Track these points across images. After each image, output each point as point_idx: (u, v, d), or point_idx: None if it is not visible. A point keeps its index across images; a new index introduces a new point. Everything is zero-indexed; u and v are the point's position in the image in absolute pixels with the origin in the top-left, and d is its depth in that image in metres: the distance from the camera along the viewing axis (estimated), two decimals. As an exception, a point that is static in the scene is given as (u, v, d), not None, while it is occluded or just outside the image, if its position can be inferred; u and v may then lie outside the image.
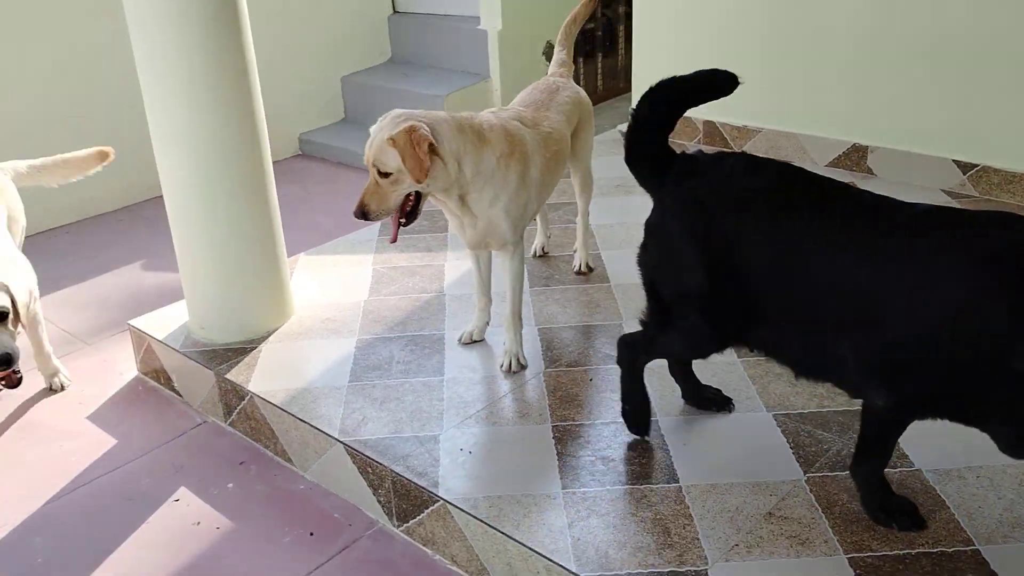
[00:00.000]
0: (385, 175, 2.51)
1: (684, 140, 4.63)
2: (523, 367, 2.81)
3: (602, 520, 2.18)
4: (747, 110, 4.39)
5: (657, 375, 2.57)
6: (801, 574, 1.97)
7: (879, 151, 4.00)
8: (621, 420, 2.50)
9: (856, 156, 4.07)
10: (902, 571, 1.96)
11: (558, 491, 2.29)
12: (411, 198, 2.58)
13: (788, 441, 2.40)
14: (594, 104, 5.97)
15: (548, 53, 5.60)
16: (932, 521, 2.08)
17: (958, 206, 3.67)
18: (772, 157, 4.23)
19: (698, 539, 2.09)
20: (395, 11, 5.90)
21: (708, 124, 4.53)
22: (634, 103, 4.75)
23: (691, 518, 2.16)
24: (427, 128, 2.48)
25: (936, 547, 2.01)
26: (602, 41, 5.96)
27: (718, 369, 2.71)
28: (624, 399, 2.44)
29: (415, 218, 2.63)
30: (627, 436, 2.46)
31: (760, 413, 2.52)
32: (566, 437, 2.49)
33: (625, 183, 4.20)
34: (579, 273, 3.38)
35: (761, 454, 2.36)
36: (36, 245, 3.43)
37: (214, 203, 2.96)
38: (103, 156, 3.41)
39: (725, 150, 4.45)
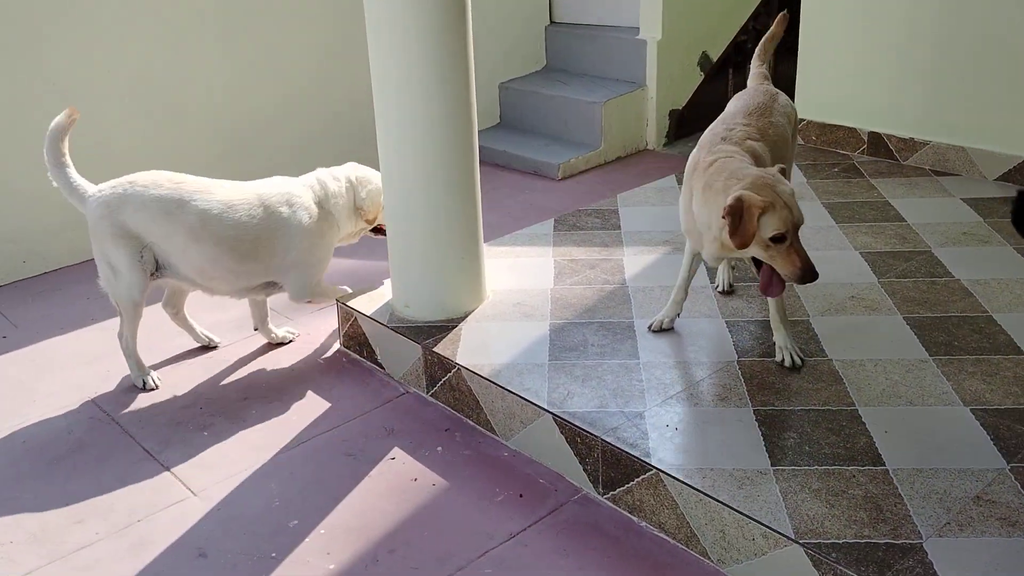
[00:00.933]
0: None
1: (847, 150, 4.72)
2: (802, 361, 2.88)
3: (814, 495, 2.33)
4: (914, 121, 4.45)
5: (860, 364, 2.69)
6: (1015, 552, 2.09)
7: (1053, 166, 4.04)
8: (821, 407, 2.66)
9: (1028, 171, 4.11)
10: (1119, 558, 2.05)
11: (767, 467, 2.45)
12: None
13: (989, 434, 2.50)
14: (742, 115, 6.12)
15: (703, 63, 5.76)
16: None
17: None
18: (941, 171, 4.34)
19: (910, 516, 2.22)
20: (552, 21, 6.16)
21: (873, 135, 4.61)
22: (799, 113, 4.91)
23: (901, 497, 2.29)
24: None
25: None
26: (751, 54, 6.06)
27: (911, 367, 2.83)
28: None
29: None
30: (828, 422, 2.61)
31: (957, 407, 2.63)
32: (768, 419, 2.64)
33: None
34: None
35: (963, 444, 2.47)
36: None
37: (429, 195, 3.23)
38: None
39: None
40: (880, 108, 4.57)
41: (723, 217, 2.55)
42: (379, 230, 3.63)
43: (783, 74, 5.85)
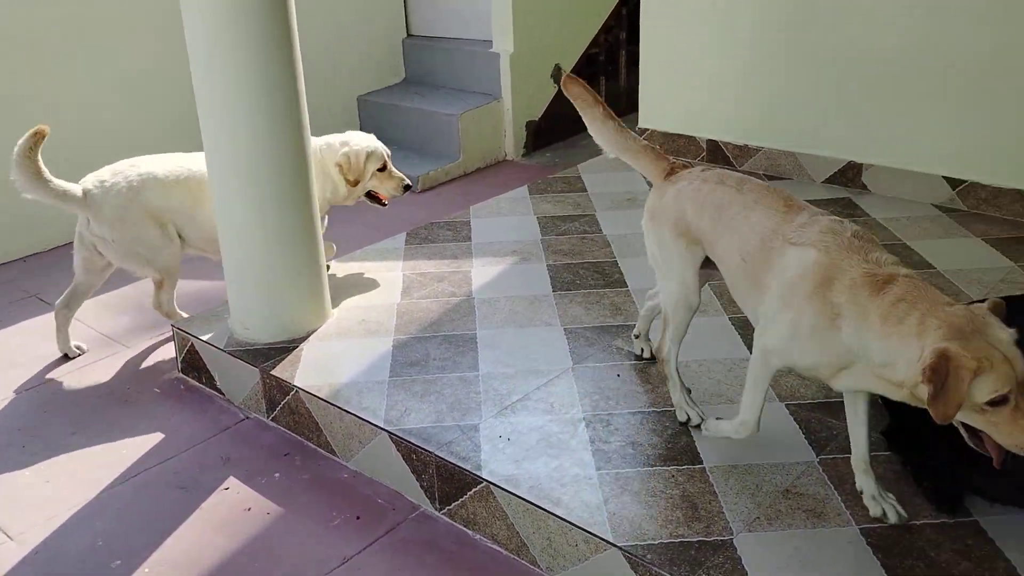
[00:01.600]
0: None
1: (689, 158, 4.88)
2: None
3: (635, 497, 2.38)
4: (748, 129, 4.64)
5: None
6: (818, 542, 2.19)
7: (873, 168, 4.26)
8: (648, 409, 2.73)
9: (851, 173, 4.33)
10: (910, 540, 2.17)
11: (593, 473, 2.49)
12: None
13: (801, 427, 2.62)
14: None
15: (556, 75, 5.86)
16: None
17: (949, 221, 3.93)
18: (773, 175, 4.54)
19: (723, 512, 2.30)
20: (409, 34, 6.15)
21: (711, 143, 4.78)
22: (641, 123, 5.04)
23: (715, 495, 2.37)
24: None
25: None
26: (604, 66, 6.22)
27: (733, 365, 2.93)
28: None
29: None
30: (652, 424, 2.68)
31: (773, 403, 2.74)
32: (597, 424, 2.69)
33: (635, 196, 4.45)
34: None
35: (777, 439, 2.58)
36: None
37: (260, 212, 3.16)
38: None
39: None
40: (716, 117, 4.74)
41: (924, 382, 1.89)
42: (376, 198, 3.85)
43: (628, 86, 6.04)
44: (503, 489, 2.47)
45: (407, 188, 3.86)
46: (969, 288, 3.32)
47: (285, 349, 3.22)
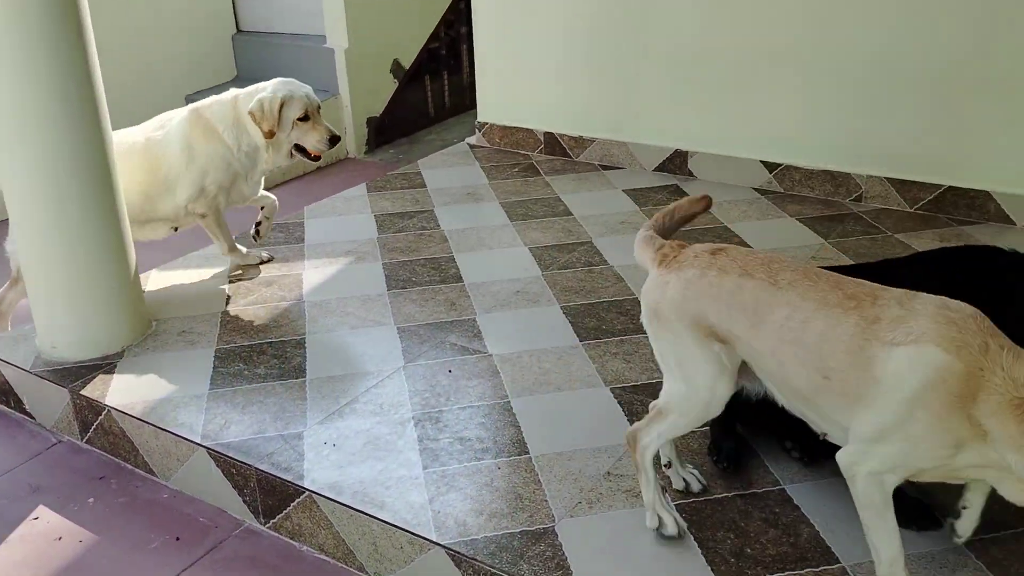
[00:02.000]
0: None
1: (527, 150, 4.92)
2: None
3: (460, 493, 2.36)
4: (582, 122, 4.71)
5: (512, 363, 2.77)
6: (636, 522, 2.22)
7: (697, 155, 4.40)
8: (478, 403, 2.71)
9: (679, 160, 4.46)
10: (721, 511, 2.24)
11: (419, 472, 2.45)
12: None
13: (623, 409, 2.66)
14: (441, 120, 6.24)
15: (395, 71, 5.79)
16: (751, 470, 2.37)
17: (767, 203, 4.10)
18: (607, 165, 4.62)
19: (546, 501, 2.31)
20: (239, 30, 5.94)
21: (548, 135, 4.83)
22: (479, 117, 5.04)
23: (540, 483, 2.37)
24: None
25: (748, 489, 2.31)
26: (447, 60, 6.19)
27: (563, 353, 2.95)
28: None
29: None
30: (481, 417, 2.66)
31: (599, 388, 2.77)
32: (426, 422, 2.65)
33: (474, 191, 4.44)
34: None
35: (601, 423, 2.61)
36: None
37: (62, 223, 2.95)
38: None
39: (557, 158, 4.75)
40: (552, 109, 4.79)
41: None
42: (304, 151, 3.57)
43: (472, 81, 6.03)
44: (326, 497, 2.39)
45: (334, 140, 3.56)
46: (785, 266, 3.47)
47: (97, 367, 3.03)
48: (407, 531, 2.25)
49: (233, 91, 3.57)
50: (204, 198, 3.50)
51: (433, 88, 6.10)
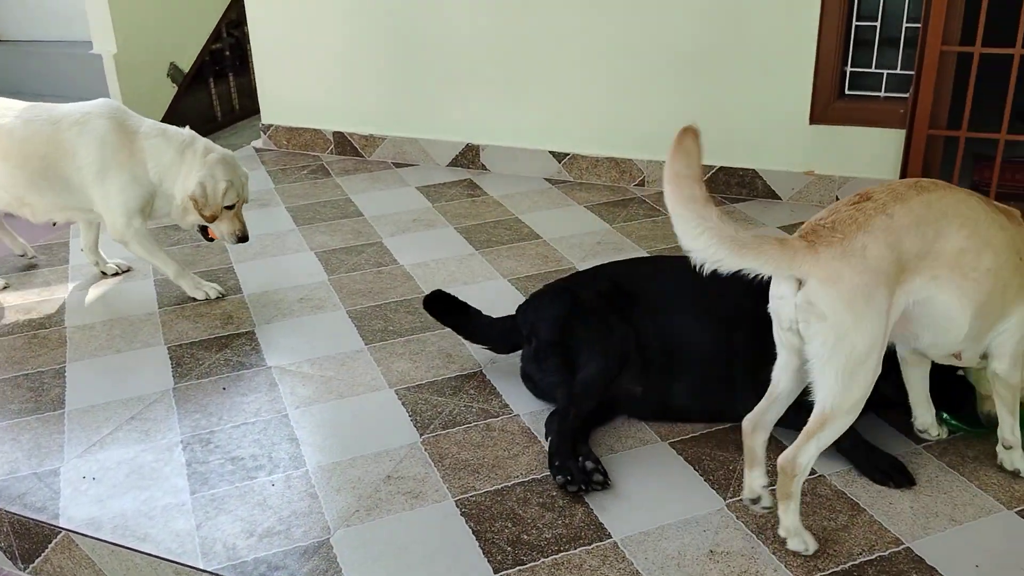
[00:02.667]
0: None
1: (316, 151, 4.79)
2: None
3: (231, 516, 2.23)
4: (372, 120, 4.64)
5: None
6: (414, 523, 2.17)
7: (489, 148, 4.43)
8: (252, 420, 2.58)
9: (471, 155, 4.47)
10: (500, 502, 2.23)
11: (187, 498, 2.30)
12: None
13: (407, 410, 2.61)
14: (230, 123, 5.98)
15: (173, 75, 5.49)
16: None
17: (557, 192, 4.17)
18: (401, 162, 4.57)
19: (321, 513, 2.22)
20: (-3, 40, 5.47)
21: (338, 135, 4.72)
22: (264, 119, 4.86)
23: (316, 496, 2.28)
24: None
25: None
26: (232, 61, 5.94)
27: (346, 359, 2.87)
28: None
29: None
30: (256, 433, 2.54)
31: (383, 391, 2.71)
32: (195, 444, 2.50)
33: (259, 197, 4.26)
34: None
35: (383, 426, 2.55)
36: None
37: None
38: None
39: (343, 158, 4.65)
40: (340, 108, 4.69)
41: None
42: (205, 231, 3.30)
43: (247, 85, 5.82)
44: (83, 535, 2.20)
45: (244, 239, 3.27)
46: (571, 252, 3.53)
47: None
48: (172, 561, 2.10)
49: (189, 133, 3.27)
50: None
51: (219, 91, 5.84)
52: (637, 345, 2.49)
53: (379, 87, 4.55)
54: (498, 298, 3.08)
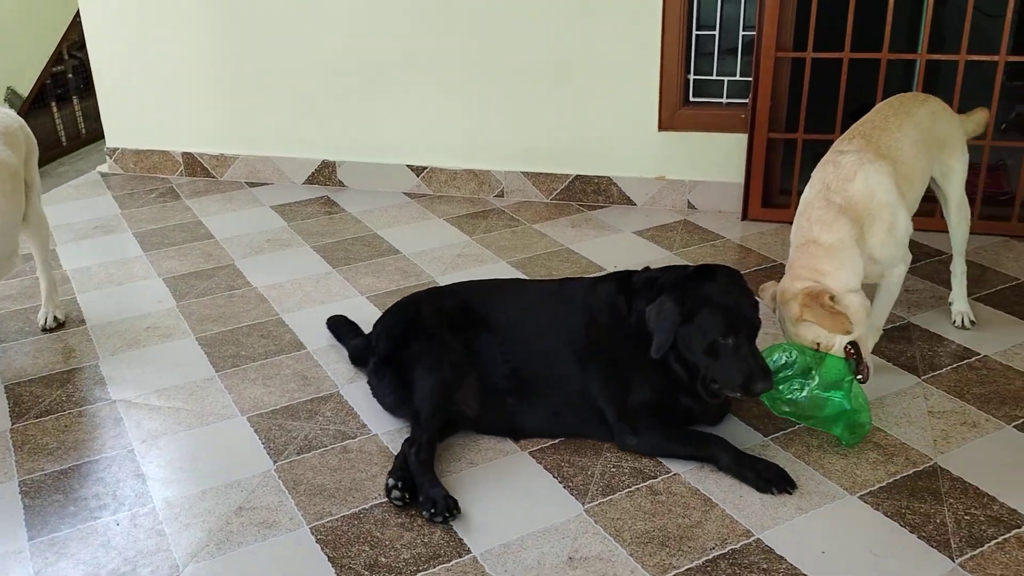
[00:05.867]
0: None
1: (166, 174, 4.60)
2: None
3: (72, 560, 2.09)
4: (223, 139, 4.49)
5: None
6: (267, 554, 2.10)
7: (346, 164, 4.36)
8: (96, 457, 2.44)
9: (328, 172, 4.39)
10: (357, 525, 2.18)
11: (24, 544, 2.15)
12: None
13: (260, 437, 2.52)
14: (77, 148, 5.70)
15: (11, 100, 5.18)
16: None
17: (417, 206, 4.14)
18: (255, 182, 4.43)
19: (170, 551, 2.12)
20: None
21: (187, 156, 4.55)
22: (108, 143, 4.64)
23: (164, 534, 2.17)
24: None
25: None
26: (76, 84, 5.67)
27: (196, 388, 2.75)
28: None
29: None
30: (101, 472, 2.40)
31: (235, 419, 2.61)
32: (34, 487, 2.34)
33: (104, 223, 4.06)
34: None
35: (235, 456, 2.45)
36: None
37: None
38: None
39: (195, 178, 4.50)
40: (188, 128, 4.52)
41: None
42: None
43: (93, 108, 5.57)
44: (-100, 598, 2.03)
45: None
46: (431, 266, 3.51)
47: None
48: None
49: None
50: None
51: (62, 115, 5.55)
52: (475, 366, 2.49)
53: (228, 105, 4.41)
54: (355, 317, 3.02)
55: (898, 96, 2.86)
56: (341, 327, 2.97)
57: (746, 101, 3.80)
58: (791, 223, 2.62)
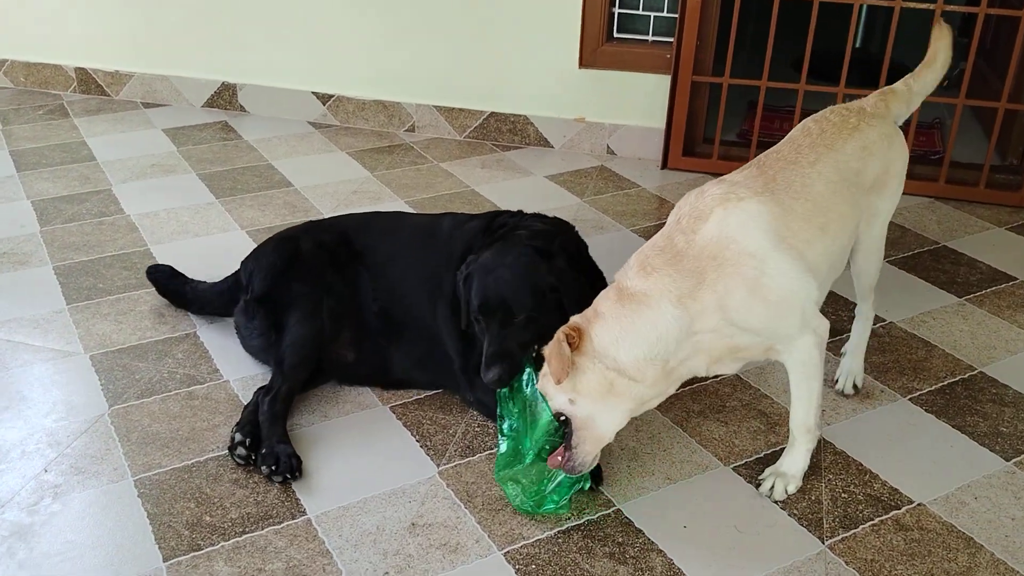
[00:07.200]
0: None
1: (57, 89, 4.27)
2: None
3: None
4: (118, 56, 4.16)
5: None
6: (84, 507, 1.90)
7: (248, 88, 4.06)
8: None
9: (228, 95, 4.09)
10: (187, 480, 1.99)
11: None
12: None
13: (100, 378, 2.30)
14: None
15: None
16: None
17: (320, 137, 3.87)
18: (151, 103, 4.11)
19: (-29, 502, 1.91)
20: None
21: (80, 71, 4.21)
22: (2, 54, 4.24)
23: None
24: None
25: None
26: None
27: (41, 321, 2.51)
28: None
29: None
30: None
31: (78, 356, 2.38)
32: None
33: None
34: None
35: (67, 397, 2.23)
36: None
37: None
38: None
39: (104, 98, 4.21)
40: (82, 41, 4.17)
41: None
42: None
43: None
44: None
45: None
46: (321, 201, 3.27)
47: None
48: None
49: None
50: None
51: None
52: (354, 307, 2.29)
53: (124, 17, 4.07)
54: (231, 251, 2.77)
55: (829, 112, 2.14)
56: (166, 276, 2.63)
57: (672, 40, 3.58)
58: (713, 174, 2.38)
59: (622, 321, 1.77)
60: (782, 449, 2.09)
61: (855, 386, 2.35)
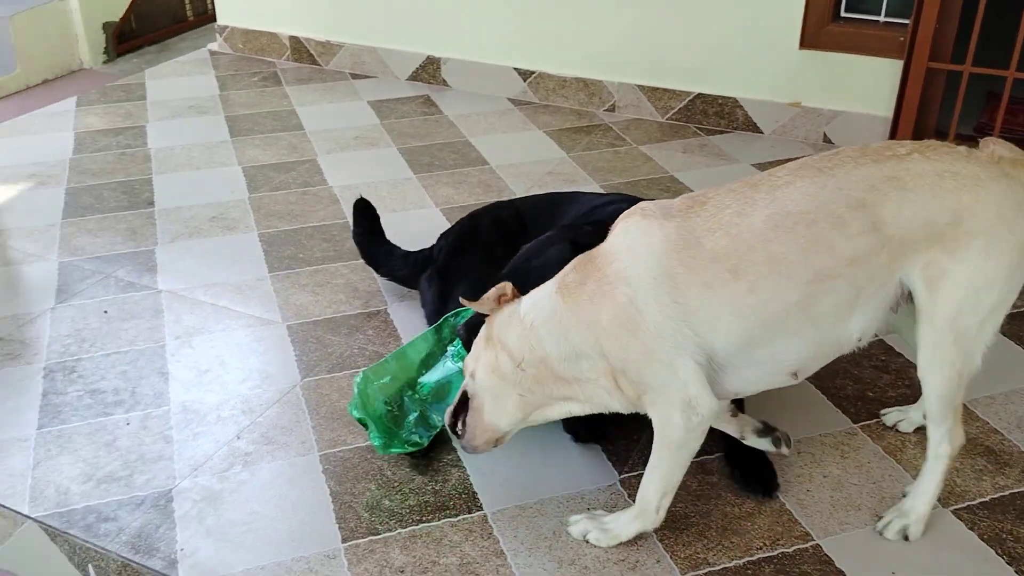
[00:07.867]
0: None
1: (272, 57, 4.45)
2: None
3: (73, 456, 2.01)
4: (330, 26, 4.27)
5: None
6: (270, 478, 1.94)
7: (451, 62, 4.06)
8: (126, 349, 2.35)
9: (432, 69, 4.10)
10: (370, 460, 1.98)
11: (32, 432, 2.08)
12: None
13: (295, 348, 2.35)
14: (205, 23, 5.63)
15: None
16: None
17: (519, 114, 3.81)
18: (358, 73, 4.20)
19: (171, 460, 1.99)
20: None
21: (294, 40, 4.36)
22: (219, 20, 4.51)
23: (171, 440, 2.05)
24: None
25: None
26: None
27: (245, 287, 2.61)
28: None
29: None
30: (126, 364, 2.29)
31: (276, 325, 2.45)
32: (58, 373, 2.27)
33: (199, 104, 3.95)
34: None
35: (264, 365, 2.29)
36: None
37: None
38: None
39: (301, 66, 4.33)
40: (298, 10, 4.31)
41: None
42: None
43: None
44: (-91, 470, 2.00)
45: None
46: (515, 182, 3.21)
47: None
48: (-2, 505, 1.90)
49: None
50: None
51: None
52: None
53: (338, -10, 4.18)
54: (424, 230, 2.76)
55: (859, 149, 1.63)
56: (371, 218, 2.62)
57: (907, 22, 3.23)
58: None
59: (522, 302, 1.76)
60: (1011, 494, 1.83)
61: (905, 536, 1.78)
